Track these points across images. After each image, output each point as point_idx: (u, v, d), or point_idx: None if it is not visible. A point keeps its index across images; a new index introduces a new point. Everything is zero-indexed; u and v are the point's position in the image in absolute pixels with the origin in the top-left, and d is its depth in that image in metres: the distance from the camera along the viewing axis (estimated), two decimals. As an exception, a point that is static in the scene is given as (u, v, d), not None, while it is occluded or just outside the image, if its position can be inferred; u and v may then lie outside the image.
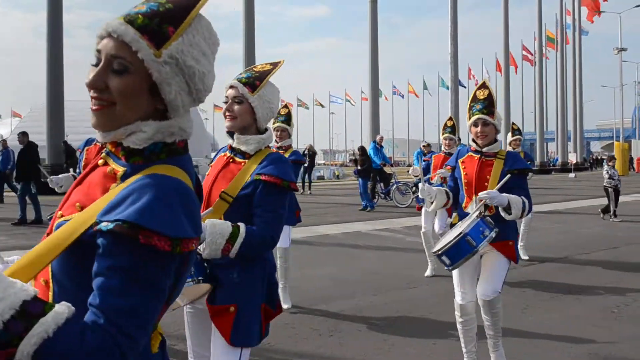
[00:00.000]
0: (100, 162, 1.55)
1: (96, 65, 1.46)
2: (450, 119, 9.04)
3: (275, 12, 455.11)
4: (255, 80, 2.96)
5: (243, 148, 2.95)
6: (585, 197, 23.54)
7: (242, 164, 2.93)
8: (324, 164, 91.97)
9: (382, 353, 5.41)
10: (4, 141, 19.63)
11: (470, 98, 4.61)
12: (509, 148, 9.75)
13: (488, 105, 4.49)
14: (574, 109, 63.22)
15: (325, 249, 10.95)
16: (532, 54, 66.10)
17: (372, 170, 18.65)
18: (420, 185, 4.74)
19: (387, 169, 19.77)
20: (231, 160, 2.98)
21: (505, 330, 4.95)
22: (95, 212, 1.37)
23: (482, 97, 4.52)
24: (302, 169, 25.10)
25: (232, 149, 3.01)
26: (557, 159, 58.76)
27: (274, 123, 6.68)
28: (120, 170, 1.49)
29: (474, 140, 4.63)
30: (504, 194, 4.27)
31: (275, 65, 3.09)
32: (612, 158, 16.74)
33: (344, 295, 7.37)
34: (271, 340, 5.47)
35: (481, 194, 4.29)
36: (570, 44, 63.52)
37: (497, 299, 4.49)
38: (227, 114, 2.95)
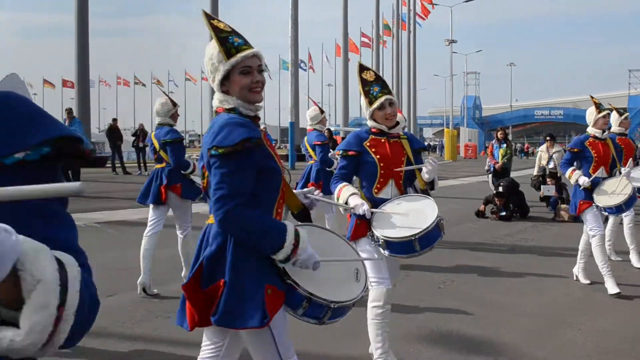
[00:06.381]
0: None
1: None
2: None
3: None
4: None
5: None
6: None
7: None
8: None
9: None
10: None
11: (361, 83, 4.23)
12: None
13: (385, 84, 4.27)
14: (409, 96, 65.99)
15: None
16: (370, 41, 68.23)
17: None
18: None
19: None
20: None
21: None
22: None
23: (372, 79, 4.24)
24: (135, 149, 24.31)
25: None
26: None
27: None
28: None
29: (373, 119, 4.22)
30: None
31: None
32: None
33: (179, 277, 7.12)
34: (106, 323, 5.29)
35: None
36: (405, 32, 66.19)
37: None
38: (258, 85, 2.63)
